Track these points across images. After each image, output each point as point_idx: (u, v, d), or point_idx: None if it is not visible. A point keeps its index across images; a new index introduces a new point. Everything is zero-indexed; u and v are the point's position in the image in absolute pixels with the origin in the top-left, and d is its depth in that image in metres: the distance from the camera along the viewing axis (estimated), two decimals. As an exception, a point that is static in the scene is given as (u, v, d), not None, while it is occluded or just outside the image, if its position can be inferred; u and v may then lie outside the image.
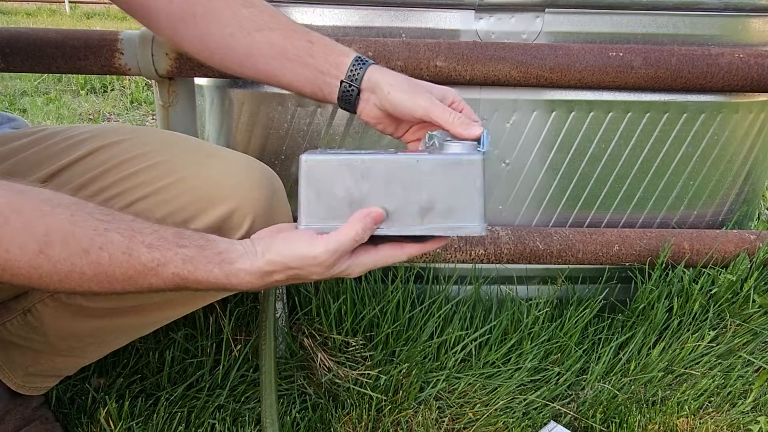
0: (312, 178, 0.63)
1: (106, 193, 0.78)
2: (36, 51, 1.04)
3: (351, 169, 0.63)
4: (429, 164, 0.62)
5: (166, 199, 0.78)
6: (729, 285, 1.22)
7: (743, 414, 1.10)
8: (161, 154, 0.80)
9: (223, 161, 0.81)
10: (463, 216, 0.64)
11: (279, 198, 0.85)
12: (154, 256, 0.60)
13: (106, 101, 3.24)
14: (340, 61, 0.76)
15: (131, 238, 0.60)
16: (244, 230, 0.79)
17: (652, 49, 1.12)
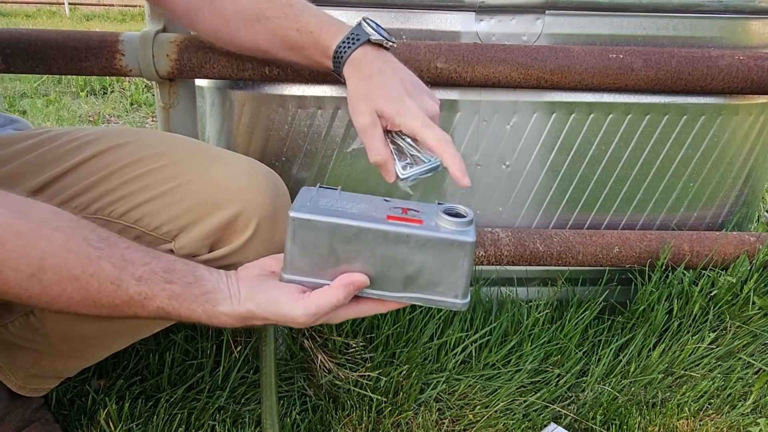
0: (298, 236, 0.62)
1: (111, 195, 0.79)
2: (37, 52, 1.04)
3: (338, 234, 0.62)
4: (419, 240, 0.61)
5: (171, 202, 0.79)
6: (729, 287, 1.22)
7: (743, 416, 1.10)
8: (167, 157, 0.81)
9: (228, 164, 0.82)
10: (447, 291, 0.64)
11: (283, 201, 0.85)
12: (141, 290, 0.61)
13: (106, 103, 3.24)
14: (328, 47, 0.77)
15: (122, 269, 0.60)
16: (249, 233, 0.80)
17: (653, 51, 1.12)
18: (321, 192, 0.66)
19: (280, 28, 0.79)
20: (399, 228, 0.61)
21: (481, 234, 1.20)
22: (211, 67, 1.05)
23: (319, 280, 0.64)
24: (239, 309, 0.63)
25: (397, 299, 0.65)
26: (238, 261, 0.81)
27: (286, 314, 0.62)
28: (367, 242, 0.62)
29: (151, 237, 0.80)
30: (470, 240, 0.61)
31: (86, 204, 0.79)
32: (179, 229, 0.79)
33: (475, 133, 1.20)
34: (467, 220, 0.63)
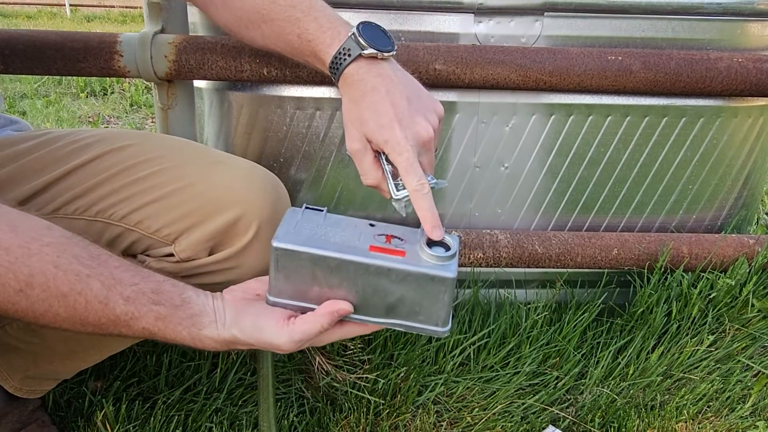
0: (281, 265, 0.63)
1: (112, 198, 0.79)
2: (36, 53, 1.04)
3: (320, 264, 0.62)
4: (400, 274, 0.62)
5: (172, 205, 0.79)
6: (728, 289, 1.22)
7: (742, 419, 1.10)
8: (167, 161, 0.81)
9: (229, 168, 0.82)
10: (427, 320, 0.65)
11: (283, 204, 0.85)
12: (128, 309, 0.60)
13: (105, 104, 3.24)
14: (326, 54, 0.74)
15: (110, 288, 0.60)
16: (249, 236, 0.80)
17: (651, 53, 1.12)
18: (306, 215, 0.66)
19: (284, 32, 0.76)
20: (380, 261, 0.61)
21: (479, 236, 1.20)
22: (210, 69, 1.05)
23: (303, 304, 0.65)
24: (224, 334, 0.63)
25: (380, 324, 0.66)
26: (238, 264, 0.81)
27: (270, 342, 0.63)
28: (348, 273, 0.62)
29: (151, 240, 0.80)
30: (451, 276, 0.61)
31: (87, 206, 0.79)
32: (179, 232, 0.79)
33: (474, 135, 1.19)
34: (450, 254, 0.63)
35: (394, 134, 0.66)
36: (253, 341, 0.63)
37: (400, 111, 0.67)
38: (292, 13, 0.75)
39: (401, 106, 0.67)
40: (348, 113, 0.71)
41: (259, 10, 0.77)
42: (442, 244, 0.65)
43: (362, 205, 1.23)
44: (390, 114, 0.67)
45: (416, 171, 0.65)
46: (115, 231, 0.80)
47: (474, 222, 1.27)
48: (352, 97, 0.70)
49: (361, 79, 0.69)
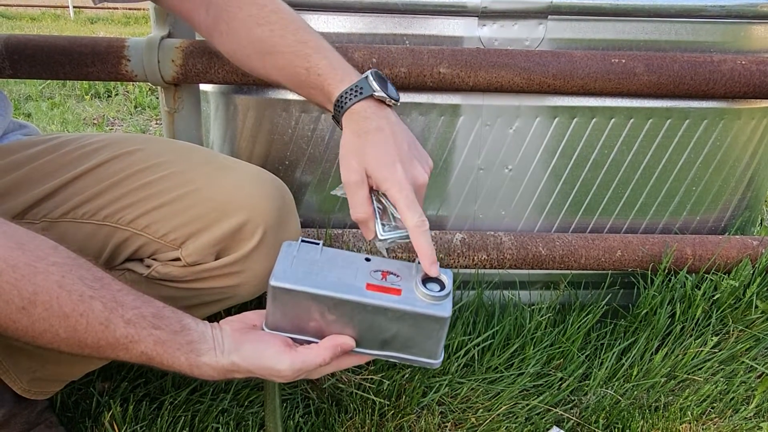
0: (278, 301, 0.64)
1: (119, 203, 0.79)
2: (44, 58, 1.05)
3: (317, 302, 0.63)
4: (396, 313, 0.63)
5: (180, 209, 0.79)
6: (731, 291, 1.22)
7: (746, 420, 1.10)
8: (175, 165, 0.81)
9: (236, 173, 0.83)
10: (421, 352, 0.67)
11: (289, 210, 0.86)
12: (128, 332, 0.61)
13: (110, 106, 3.25)
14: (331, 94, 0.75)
15: (112, 310, 0.60)
16: (255, 241, 0.80)
17: (655, 56, 1.12)
18: (303, 250, 0.67)
19: (290, 64, 0.77)
20: (378, 301, 0.63)
21: (483, 238, 1.20)
22: (216, 73, 1.06)
23: (301, 336, 0.67)
24: (222, 361, 0.64)
25: (374, 356, 0.69)
26: (244, 268, 0.82)
27: (271, 366, 0.64)
28: (346, 311, 0.64)
29: (159, 244, 0.81)
30: (445, 315, 0.64)
31: (95, 210, 0.79)
32: (186, 236, 0.80)
33: (478, 138, 1.20)
34: (444, 292, 0.65)
35: (396, 173, 0.67)
36: (254, 367, 0.64)
37: (402, 153, 0.70)
38: (302, 48, 0.76)
39: (403, 149, 0.70)
40: (350, 144, 0.71)
41: (265, 42, 0.78)
42: (437, 281, 0.66)
43: (367, 208, 1.24)
44: (393, 154, 0.69)
45: (417, 208, 0.67)
46: (123, 235, 0.81)
47: (478, 224, 1.28)
48: (356, 130, 0.71)
49: (368, 116, 0.71)
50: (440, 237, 1.20)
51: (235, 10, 0.81)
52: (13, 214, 0.79)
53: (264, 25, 0.79)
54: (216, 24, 0.82)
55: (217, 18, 0.82)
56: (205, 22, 0.83)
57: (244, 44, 0.81)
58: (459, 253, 1.19)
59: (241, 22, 0.80)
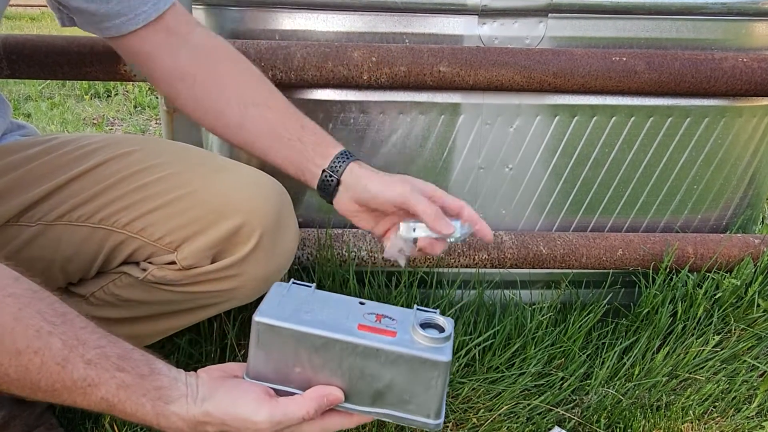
0: (262, 341, 0.59)
1: (115, 205, 0.79)
2: (42, 57, 1.05)
3: (304, 342, 0.58)
4: (390, 356, 0.57)
5: (176, 212, 0.79)
6: (733, 289, 1.22)
7: (748, 419, 1.10)
8: (172, 166, 0.81)
9: (233, 175, 0.82)
10: (419, 410, 0.60)
11: (287, 212, 0.85)
12: (88, 374, 0.55)
13: (109, 106, 3.24)
14: (328, 152, 0.79)
15: (72, 349, 0.55)
16: (252, 244, 0.79)
17: (656, 54, 1.12)
18: (293, 290, 0.63)
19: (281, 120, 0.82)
20: (369, 342, 0.57)
21: (484, 237, 1.20)
22: (215, 72, 1.05)
23: (284, 387, 0.61)
24: (194, 411, 0.57)
25: (366, 414, 0.61)
26: (240, 272, 0.81)
27: (246, 417, 0.57)
28: (334, 353, 0.58)
29: (154, 247, 0.80)
30: (445, 360, 0.57)
31: (91, 213, 0.79)
32: (182, 239, 0.79)
33: (478, 137, 1.20)
34: (444, 336, 0.59)
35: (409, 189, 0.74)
36: (228, 417, 0.57)
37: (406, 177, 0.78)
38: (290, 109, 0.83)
39: None
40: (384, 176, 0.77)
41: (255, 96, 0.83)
42: (436, 326, 0.61)
43: (367, 207, 1.24)
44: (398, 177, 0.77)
45: None
46: (118, 238, 0.80)
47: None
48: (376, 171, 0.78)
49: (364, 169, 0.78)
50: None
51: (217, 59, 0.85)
52: (8, 216, 0.78)
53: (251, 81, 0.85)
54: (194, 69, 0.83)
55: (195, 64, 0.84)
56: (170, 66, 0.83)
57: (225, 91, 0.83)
58: (459, 253, 1.18)
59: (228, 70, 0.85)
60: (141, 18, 0.81)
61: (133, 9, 0.80)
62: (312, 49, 1.07)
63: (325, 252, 1.15)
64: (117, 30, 0.81)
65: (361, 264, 1.18)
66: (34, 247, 0.79)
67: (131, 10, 0.80)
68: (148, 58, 0.84)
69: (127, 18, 0.80)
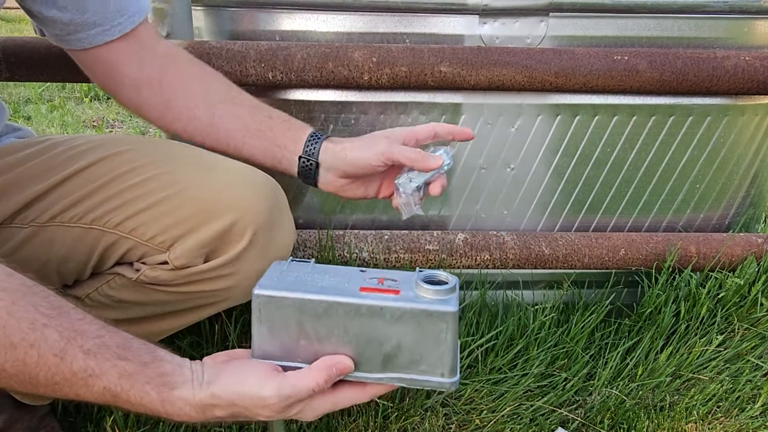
0: (264, 315, 0.58)
1: (107, 205, 0.78)
2: (41, 60, 1.04)
3: (306, 310, 0.57)
4: (395, 312, 0.56)
5: (166, 211, 0.78)
6: (736, 289, 1.21)
7: (752, 419, 1.09)
8: (163, 165, 0.80)
9: (224, 173, 0.81)
10: (432, 369, 0.59)
11: (281, 209, 0.84)
12: (88, 365, 0.54)
13: (109, 108, 3.24)
14: (297, 136, 0.81)
15: (70, 340, 0.54)
16: (245, 243, 0.79)
17: (658, 53, 1.12)
18: (292, 266, 0.62)
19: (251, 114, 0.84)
20: (372, 300, 0.56)
21: (486, 237, 1.19)
22: (215, 73, 1.05)
23: (292, 363, 0.59)
24: (200, 394, 0.56)
25: (378, 381, 0.59)
26: (235, 271, 0.81)
27: (254, 394, 0.56)
28: (338, 318, 0.57)
29: (146, 247, 0.79)
30: (452, 309, 0.56)
31: (83, 214, 0.78)
32: (174, 239, 0.78)
33: (480, 136, 1.19)
34: (449, 287, 0.58)
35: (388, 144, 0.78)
36: (236, 397, 0.56)
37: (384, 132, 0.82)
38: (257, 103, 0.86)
39: None
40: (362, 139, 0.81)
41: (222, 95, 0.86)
42: (440, 282, 0.60)
43: (368, 208, 1.23)
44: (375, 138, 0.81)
45: None
46: (110, 238, 0.79)
47: (480, 223, 1.27)
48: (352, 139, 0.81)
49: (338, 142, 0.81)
50: (442, 237, 1.19)
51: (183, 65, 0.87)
52: (1, 219, 0.77)
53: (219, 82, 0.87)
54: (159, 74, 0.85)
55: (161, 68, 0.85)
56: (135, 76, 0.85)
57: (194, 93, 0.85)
58: (461, 253, 1.18)
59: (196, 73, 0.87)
60: (116, 29, 0.81)
61: (109, 20, 0.80)
62: (312, 49, 1.06)
63: (327, 253, 1.15)
64: (90, 41, 0.81)
65: (362, 265, 1.17)
66: (28, 249, 0.78)
67: (107, 21, 0.80)
68: (114, 68, 0.84)
69: (102, 29, 0.81)
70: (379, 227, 1.24)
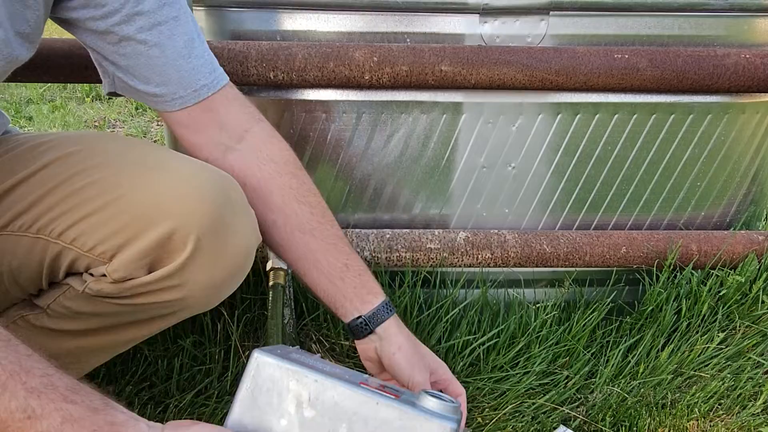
0: (256, 381, 0.55)
1: (51, 213, 0.73)
2: (43, 61, 1.05)
3: (300, 386, 0.53)
4: (391, 412, 0.51)
5: (105, 219, 0.72)
6: (738, 286, 1.21)
7: (754, 416, 1.09)
8: (107, 168, 0.74)
9: (166, 173, 0.74)
10: None
11: (234, 210, 0.76)
12: (28, 404, 0.48)
13: (110, 108, 3.25)
14: (368, 299, 0.81)
15: (12, 375, 0.48)
16: (188, 251, 0.71)
17: (658, 51, 1.12)
18: (298, 350, 0.62)
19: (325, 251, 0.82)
20: (370, 394, 0.52)
21: (487, 236, 1.20)
22: (216, 73, 1.05)
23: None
24: None
25: None
26: (182, 281, 0.74)
27: None
28: (328, 405, 0.53)
29: (89, 258, 0.73)
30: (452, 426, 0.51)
31: (30, 222, 0.74)
32: (114, 249, 0.72)
33: (481, 135, 1.19)
34: (454, 405, 0.54)
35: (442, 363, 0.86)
36: None
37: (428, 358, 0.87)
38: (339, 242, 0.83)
39: None
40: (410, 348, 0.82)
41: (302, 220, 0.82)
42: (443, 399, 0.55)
43: (369, 208, 1.24)
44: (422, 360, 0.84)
45: None
46: (55, 249, 0.74)
47: (482, 222, 1.27)
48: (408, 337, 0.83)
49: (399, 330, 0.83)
50: (444, 236, 1.19)
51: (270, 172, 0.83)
52: None
53: (304, 204, 0.82)
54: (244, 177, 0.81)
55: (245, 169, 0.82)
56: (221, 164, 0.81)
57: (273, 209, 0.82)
58: (463, 252, 1.18)
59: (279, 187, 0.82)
60: (177, 102, 0.79)
61: (170, 93, 0.79)
62: (313, 49, 1.07)
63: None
64: (156, 107, 0.81)
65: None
66: None
67: (169, 93, 0.79)
68: (196, 148, 0.82)
69: (163, 99, 0.79)
70: (380, 226, 1.25)
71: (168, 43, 0.76)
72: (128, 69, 0.77)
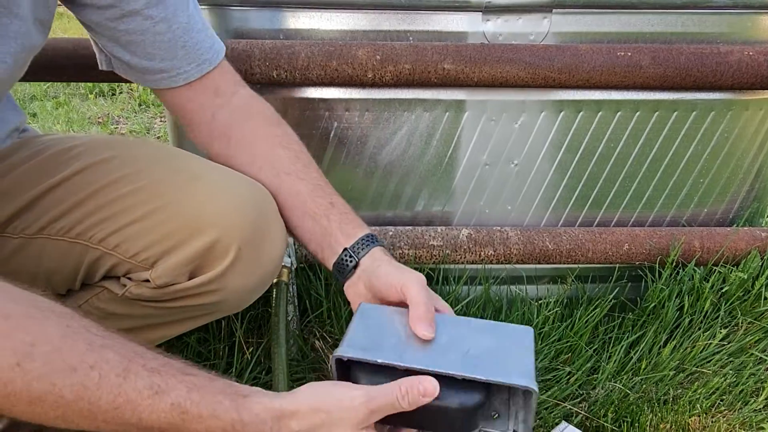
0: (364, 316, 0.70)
1: (91, 219, 0.76)
2: (47, 61, 1.05)
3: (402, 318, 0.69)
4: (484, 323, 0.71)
5: (150, 227, 0.75)
6: (740, 283, 1.22)
7: (756, 412, 1.10)
8: (148, 175, 0.77)
9: (207, 184, 0.77)
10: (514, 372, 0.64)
11: (268, 220, 0.80)
12: (153, 381, 0.52)
13: (114, 104, 3.25)
14: (353, 232, 0.79)
15: (131, 359, 0.52)
16: (229, 259, 0.75)
17: (661, 48, 1.12)
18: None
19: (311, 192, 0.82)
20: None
21: (490, 233, 1.20)
22: (220, 72, 1.06)
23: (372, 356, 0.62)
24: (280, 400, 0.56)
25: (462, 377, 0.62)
26: (221, 287, 0.78)
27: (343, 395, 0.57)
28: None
29: (130, 264, 0.77)
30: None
31: (69, 227, 0.76)
32: (157, 256, 0.76)
33: (483, 133, 1.20)
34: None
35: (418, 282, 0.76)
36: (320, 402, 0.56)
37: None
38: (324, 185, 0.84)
39: None
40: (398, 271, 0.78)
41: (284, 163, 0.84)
42: None
43: (372, 205, 1.24)
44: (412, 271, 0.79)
45: None
46: (95, 254, 0.77)
47: (484, 219, 1.28)
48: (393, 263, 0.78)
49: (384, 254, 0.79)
50: (446, 233, 1.19)
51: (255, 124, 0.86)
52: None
53: (287, 149, 0.84)
54: (227, 129, 0.84)
55: (228, 124, 0.84)
56: (209, 125, 0.85)
57: (258, 156, 0.84)
58: (465, 249, 1.19)
59: (263, 135, 0.85)
60: (182, 77, 0.81)
61: (175, 68, 0.80)
62: (316, 48, 1.07)
63: (332, 250, 1.16)
64: (156, 84, 0.82)
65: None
66: (17, 260, 0.77)
67: (174, 68, 0.80)
68: (187, 114, 0.85)
69: (168, 75, 0.81)
70: (383, 223, 1.25)
71: (173, 18, 0.78)
72: (129, 46, 0.78)
